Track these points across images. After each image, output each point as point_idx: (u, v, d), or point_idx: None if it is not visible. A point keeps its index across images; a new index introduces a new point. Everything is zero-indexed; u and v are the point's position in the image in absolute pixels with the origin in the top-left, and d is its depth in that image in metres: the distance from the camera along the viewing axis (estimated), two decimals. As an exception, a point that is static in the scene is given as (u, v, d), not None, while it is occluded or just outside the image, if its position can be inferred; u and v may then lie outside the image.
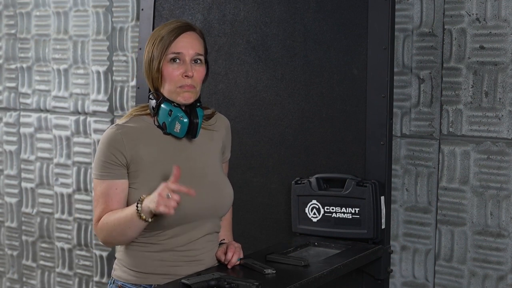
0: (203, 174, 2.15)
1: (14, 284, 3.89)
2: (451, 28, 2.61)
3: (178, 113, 2.09)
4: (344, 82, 2.59)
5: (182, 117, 2.09)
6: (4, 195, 3.88)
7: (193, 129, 2.12)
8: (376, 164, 2.51)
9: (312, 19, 2.65)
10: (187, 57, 2.09)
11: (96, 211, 2.10)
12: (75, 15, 3.51)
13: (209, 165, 2.19)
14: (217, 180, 2.18)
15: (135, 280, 2.12)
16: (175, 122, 2.09)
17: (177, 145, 2.15)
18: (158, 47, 2.08)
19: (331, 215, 2.54)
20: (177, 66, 2.08)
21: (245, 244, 2.33)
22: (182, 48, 2.09)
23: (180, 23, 2.13)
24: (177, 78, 2.08)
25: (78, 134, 3.56)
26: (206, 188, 2.13)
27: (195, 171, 2.14)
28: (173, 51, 2.08)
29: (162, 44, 2.08)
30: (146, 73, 2.14)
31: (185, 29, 2.11)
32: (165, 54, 2.08)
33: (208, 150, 2.20)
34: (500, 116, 2.54)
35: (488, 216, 2.59)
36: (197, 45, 2.12)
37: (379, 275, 2.52)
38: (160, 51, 2.08)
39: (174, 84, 2.09)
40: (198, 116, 2.12)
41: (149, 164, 2.08)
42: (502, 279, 2.57)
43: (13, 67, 3.76)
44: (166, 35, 2.09)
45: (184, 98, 2.09)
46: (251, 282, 1.90)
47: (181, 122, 2.09)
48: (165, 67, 2.08)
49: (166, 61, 2.08)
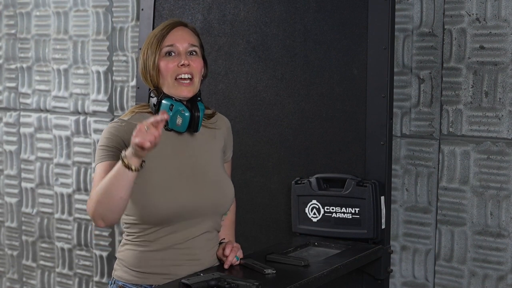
0: (204, 171, 2.16)
1: (14, 284, 3.89)
2: (451, 28, 2.61)
3: (179, 107, 2.10)
4: (344, 82, 2.59)
5: (184, 111, 2.10)
6: (4, 195, 3.88)
7: (194, 123, 2.13)
8: (376, 164, 2.51)
9: (312, 19, 2.65)
10: (181, 48, 2.12)
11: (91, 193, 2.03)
12: (75, 15, 3.51)
13: (211, 163, 2.19)
14: (219, 178, 2.18)
15: (136, 280, 2.12)
16: (176, 116, 2.10)
17: (180, 141, 2.15)
18: (152, 45, 2.12)
19: (331, 215, 2.54)
20: (172, 58, 2.11)
21: (245, 244, 2.33)
22: (175, 40, 2.12)
23: (172, 20, 2.18)
24: (173, 69, 2.10)
25: (78, 134, 3.56)
26: (207, 185, 2.14)
27: (197, 168, 2.15)
28: (166, 44, 2.11)
29: (156, 41, 2.12)
30: (143, 73, 2.15)
31: (177, 24, 2.16)
32: (159, 49, 2.11)
33: (210, 148, 2.21)
34: (500, 116, 2.54)
35: (488, 216, 2.59)
36: (190, 37, 2.15)
37: (379, 275, 2.52)
38: (154, 47, 2.11)
39: (170, 76, 2.10)
40: (200, 110, 2.13)
41: (151, 159, 2.07)
42: (502, 279, 2.57)
43: (13, 67, 3.76)
44: (158, 32, 2.13)
45: (183, 92, 2.11)
46: (251, 282, 1.90)
47: (182, 115, 2.10)
48: (160, 61, 2.11)
49: (161, 56, 2.11)
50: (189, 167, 2.12)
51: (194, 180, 2.12)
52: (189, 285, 1.90)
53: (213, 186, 2.15)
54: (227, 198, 2.19)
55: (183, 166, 2.12)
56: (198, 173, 2.14)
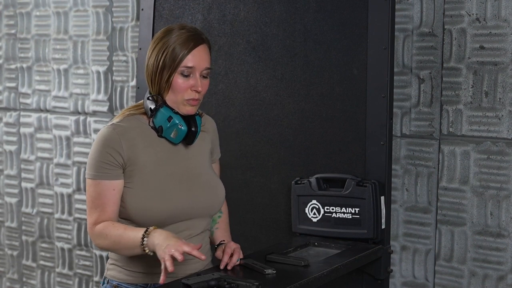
0: (197, 174, 2.17)
1: (14, 284, 3.89)
2: (451, 28, 2.61)
3: (177, 121, 2.10)
4: (344, 82, 2.59)
5: (181, 125, 2.10)
6: (4, 195, 3.88)
7: (190, 137, 2.13)
8: (376, 164, 2.51)
9: (312, 19, 2.65)
10: (198, 71, 2.09)
11: (92, 214, 2.07)
12: (75, 15, 3.51)
13: (202, 165, 2.21)
14: (210, 180, 2.20)
15: (132, 280, 2.12)
16: (172, 129, 2.10)
17: (173, 147, 2.16)
18: (170, 58, 2.07)
19: (331, 215, 2.54)
20: (187, 79, 2.08)
21: (245, 244, 2.33)
22: (195, 62, 2.08)
23: (192, 34, 2.10)
24: (186, 91, 2.09)
25: (78, 134, 3.56)
26: (200, 187, 2.15)
27: (190, 171, 2.16)
28: (186, 65, 2.07)
29: (174, 56, 2.06)
30: (151, 79, 2.11)
31: (198, 42, 2.10)
32: (178, 67, 2.07)
33: (200, 151, 2.22)
34: (500, 116, 2.54)
35: (488, 216, 2.59)
36: (207, 59, 2.12)
37: (379, 275, 2.52)
38: (171, 63, 2.07)
39: (181, 96, 2.09)
40: (197, 125, 2.13)
41: (146, 163, 2.08)
42: (502, 279, 2.57)
43: (13, 67, 3.76)
44: (178, 47, 2.07)
45: (187, 111, 2.11)
46: (251, 282, 1.90)
47: (178, 129, 2.10)
48: (175, 79, 2.08)
49: (177, 73, 2.08)
50: (183, 171, 2.14)
51: (189, 183, 2.13)
52: (189, 285, 1.90)
53: (206, 188, 2.17)
54: (220, 199, 2.21)
55: (178, 170, 2.13)
56: (192, 176, 2.15)
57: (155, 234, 1.95)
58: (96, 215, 2.06)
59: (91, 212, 2.07)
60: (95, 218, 2.06)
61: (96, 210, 2.06)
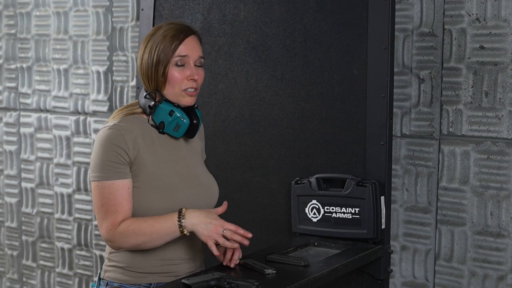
0: (196, 172, 2.19)
1: (14, 284, 3.89)
2: (451, 28, 2.61)
3: (179, 114, 2.10)
4: (344, 82, 2.59)
5: (184, 118, 2.11)
6: (4, 195, 3.88)
7: (192, 130, 2.15)
8: (376, 164, 2.51)
9: (312, 19, 2.65)
10: (192, 60, 2.11)
11: (107, 216, 2.03)
12: (75, 15, 3.51)
13: (198, 164, 2.23)
14: (207, 178, 2.22)
15: (134, 281, 2.12)
16: (175, 123, 2.11)
17: (172, 145, 2.17)
18: (163, 51, 2.08)
19: (331, 215, 2.54)
20: (182, 70, 2.10)
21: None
22: (188, 51, 2.10)
23: (181, 26, 2.13)
24: (183, 81, 2.10)
25: (78, 134, 3.56)
26: (199, 186, 2.17)
27: (190, 169, 2.18)
28: (180, 54, 2.09)
29: (167, 49, 2.08)
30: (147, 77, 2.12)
31: (188, 33, 2.12)
32: (172, 57, 2.08)
33: (196, 150, 2.25)
34: (500, 116, 2.54)
35: (488, 216, 2.59)
36: (199, 49, 2.14)
37: (379, 275, 2.52)
38: (165, 55, 2.08)
39: (179, 87, 2.10)
40: (198, 117, 2.15)
41: (150, 162, 2.09)
42: (502, 279, 2.57)
43: (13, 67, 3.76)
44: (170, 39, 2.09)
45: (187, 102, 2.12)
46: (251, 282, 1.90)
47: (181, 122, 2.11)
48: (170, 70, 2.09)
49: (172, 64, 2.09)
50: (184, 169, 2.15)
51: (190, 182, 2.15)
52: (189, 285, 1.90)
53: (204, 186, 2.19)
54: (215, 197, 2.23)
55: (180, 169, 2.15)
56: (192, 174, 2.17)
57: (192, 214, 2.01)
58: (112, 217, 2.03)
59: (106, 215, 2.03)
60: (112, 220, 2.03)
61: (111, 212, 2.03)
